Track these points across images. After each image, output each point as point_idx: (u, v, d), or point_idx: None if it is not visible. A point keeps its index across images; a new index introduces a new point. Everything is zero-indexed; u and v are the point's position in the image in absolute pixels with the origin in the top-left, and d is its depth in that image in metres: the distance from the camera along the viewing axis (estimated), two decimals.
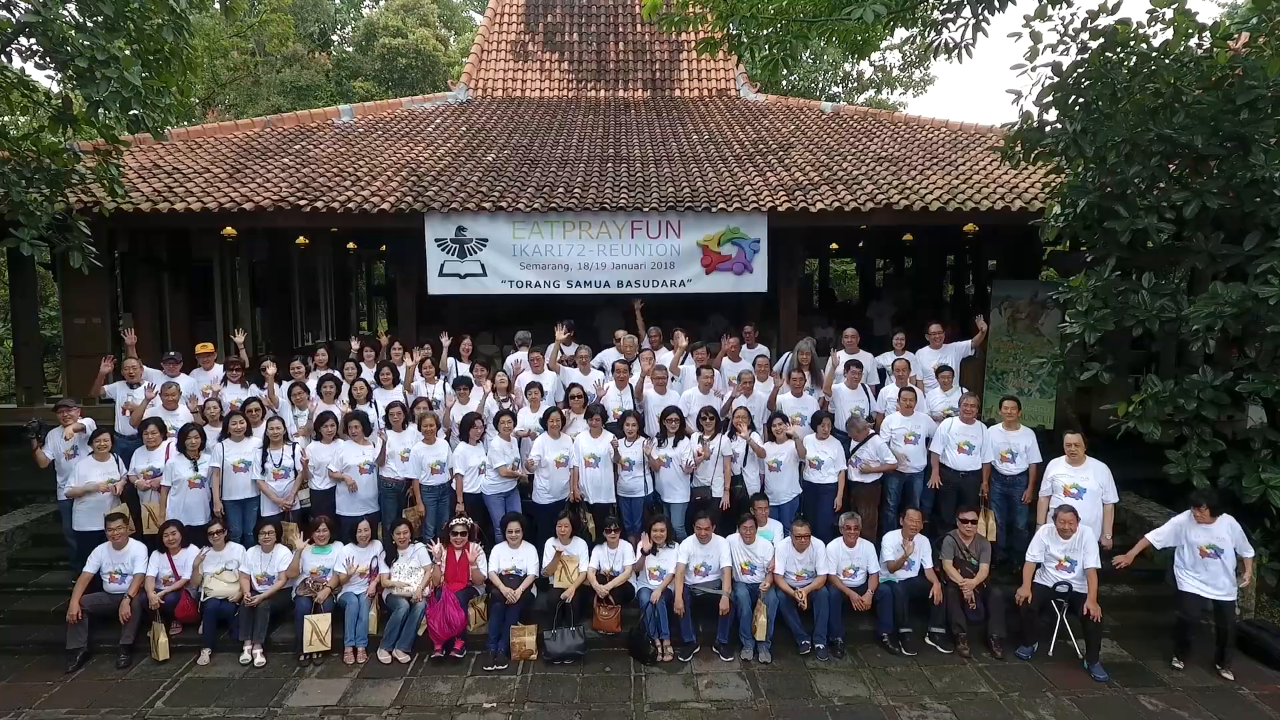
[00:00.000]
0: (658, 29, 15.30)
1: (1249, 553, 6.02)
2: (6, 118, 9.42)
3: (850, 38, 6.91)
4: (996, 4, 6.53)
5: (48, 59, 6.81)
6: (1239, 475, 6.28)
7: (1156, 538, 6.25)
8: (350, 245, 13.18)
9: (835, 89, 27.02)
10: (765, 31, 6.47)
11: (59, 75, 7.22)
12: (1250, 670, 6.05)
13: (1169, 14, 6.88)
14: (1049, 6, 6.72)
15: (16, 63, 7.16)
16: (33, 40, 6.76)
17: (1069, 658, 6.18)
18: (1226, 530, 5.99)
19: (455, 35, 29.25)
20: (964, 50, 6.86)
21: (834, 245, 14.92)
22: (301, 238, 10.57)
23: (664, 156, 10.97)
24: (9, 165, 7.22)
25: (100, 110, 6.81)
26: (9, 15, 6.40)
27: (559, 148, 11.46)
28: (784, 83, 21.55)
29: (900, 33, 7.25)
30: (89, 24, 6.73)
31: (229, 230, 9.27)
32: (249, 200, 8.80)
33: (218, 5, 8.47)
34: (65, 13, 6.68)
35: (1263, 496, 6.12)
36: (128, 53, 6.77)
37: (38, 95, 7.52)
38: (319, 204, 8.75)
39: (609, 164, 10.63)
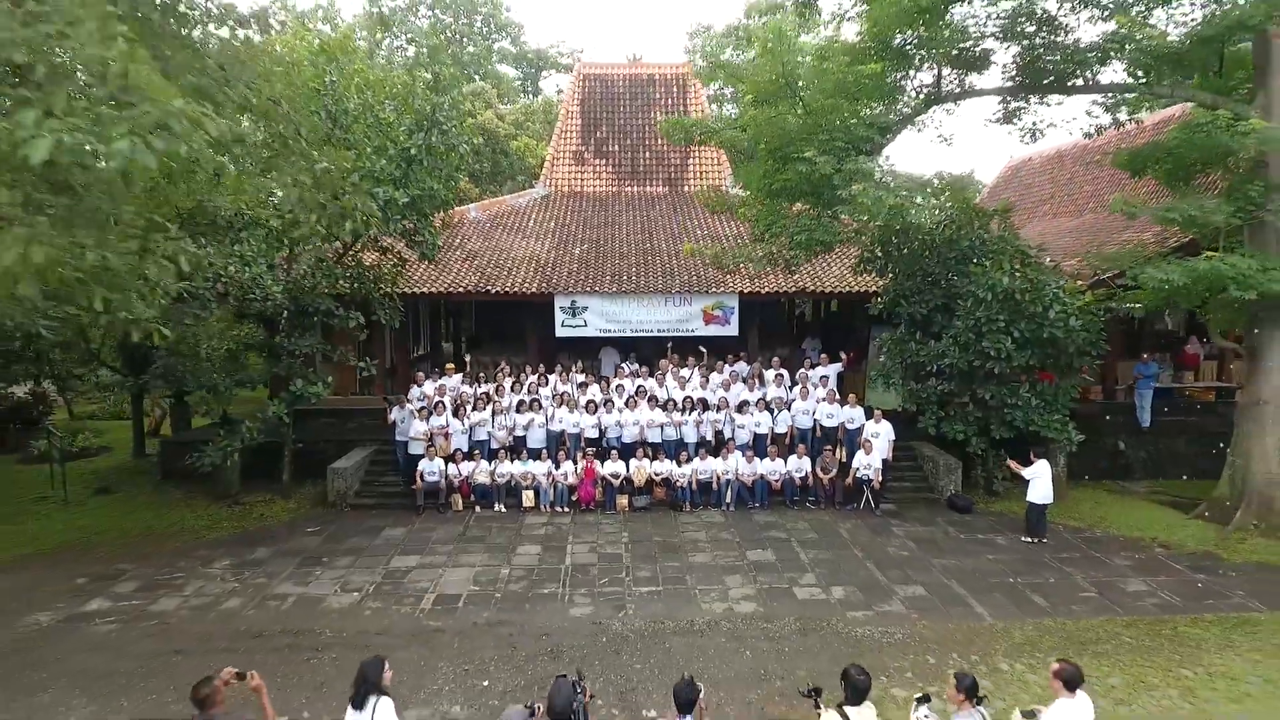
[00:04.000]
0: (674, 142, 22.78)
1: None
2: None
3: None
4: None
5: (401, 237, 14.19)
6: (948, 427, 13.73)
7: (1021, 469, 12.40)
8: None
9: None
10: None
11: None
12: (953, 516, 13.53)
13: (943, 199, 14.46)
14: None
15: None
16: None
17: (868, 510, 13.65)
18: (1043, 468, 12.26)
19: (509, 104, 36.58)
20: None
21: None
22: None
23: (680, 249, 18.40)
24: (369, 272, 14.60)
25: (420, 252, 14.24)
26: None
27: (615, 241, 18.91)
28: None
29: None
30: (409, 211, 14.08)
31: None
32: (459, 286, 16.26)
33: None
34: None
35: (953, 437, 13.59)
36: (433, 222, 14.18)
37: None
38: (499, 288, 16.20)
39: (646, 255, 18.08)
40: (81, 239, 3.60)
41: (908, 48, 11.85)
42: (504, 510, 13.69)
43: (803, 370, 15.50)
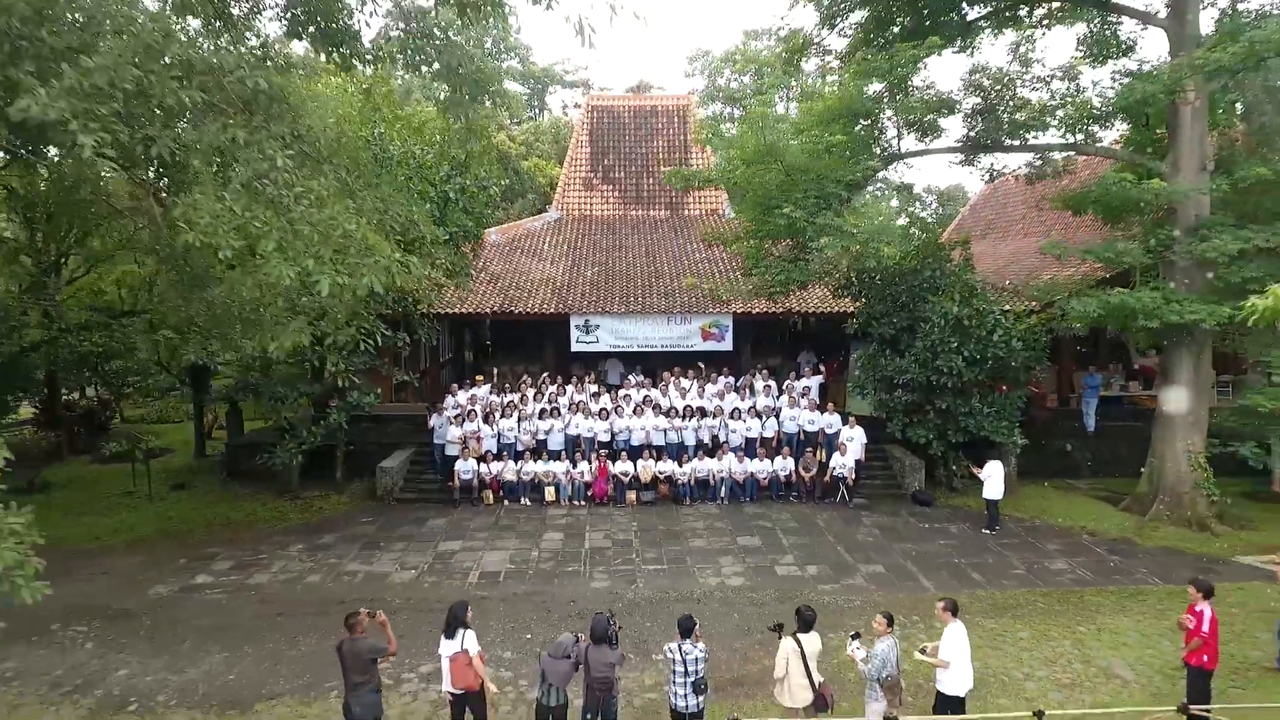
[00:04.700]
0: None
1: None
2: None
3: None
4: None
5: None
6: (912, 432, 15.87)
7: (977, 471, 14.91)
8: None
9: None
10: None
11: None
12: (915, 509, 15.68)
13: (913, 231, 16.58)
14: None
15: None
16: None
17: (843, 503, 15.81)
18: (995, 468, 14.57)
19: (517, 122, 38.72)
20: None
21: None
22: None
23: (681, 271, 20.55)
24: (410, 295, 16.74)
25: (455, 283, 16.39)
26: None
27: (623, 264, 21.06)
28: None
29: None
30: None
31: None
32: (486, 306, 18.40)
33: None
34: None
35: (918, 441, 15.73)
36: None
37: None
38: (521, 309, 18.35)
39: (651, 277, 20.23)
40: (324, 328, 5.76)
41: (878, 108, 14.02)
42: (529, 503, 15.86)
43: (788, 382, 17.67)
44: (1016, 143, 14.37)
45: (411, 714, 8.41)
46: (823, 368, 17.94)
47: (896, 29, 15.46)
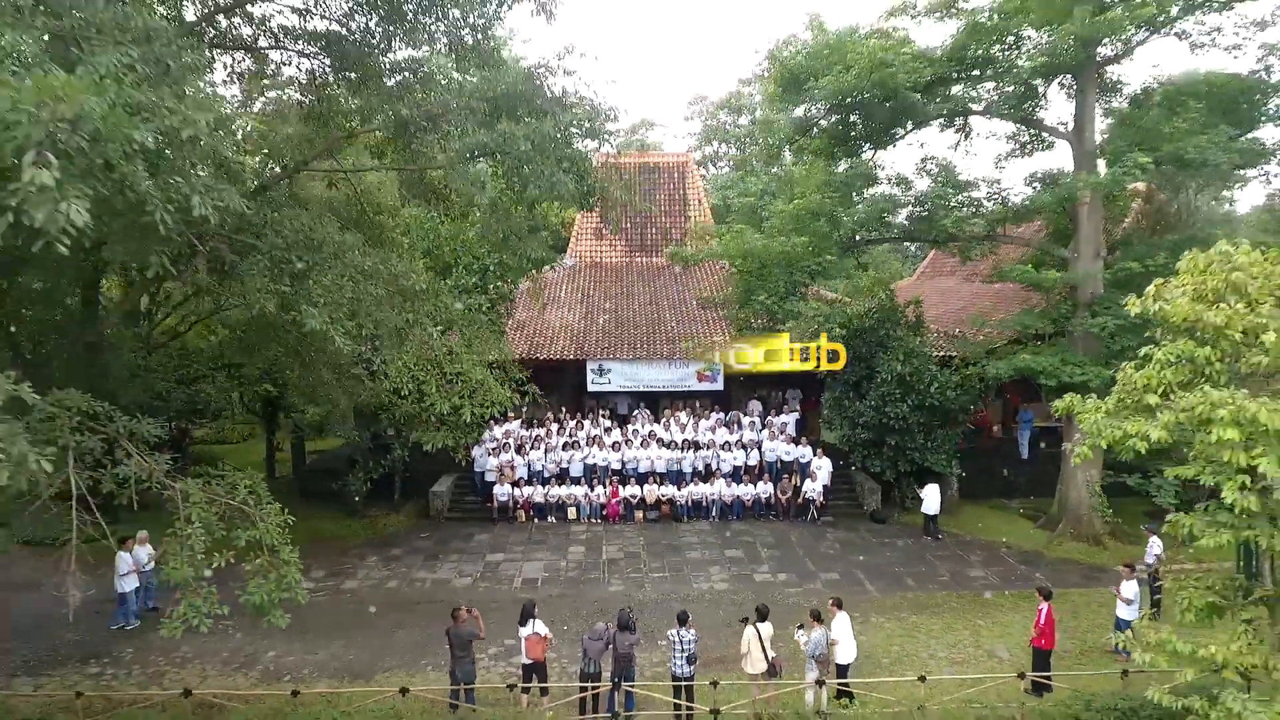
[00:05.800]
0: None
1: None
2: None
3: None
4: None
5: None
6: (870, 463, 19.29)
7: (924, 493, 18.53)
8: None
9: None
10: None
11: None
12: (872, 526, 19.11)
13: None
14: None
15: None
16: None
17: (813, 521, 19.22)
18: (932, 491, 18.31)
19: None
20: None
21: None
22: None
23: (682, 317, 23.96)
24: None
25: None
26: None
27: (630, 311, 24.47)
28: None
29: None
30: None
31: None
32: (515, 353, 21.79)
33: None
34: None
35: (874, 470, 19.16)
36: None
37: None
38: (545, 355, 21.77)
39: (655, 324, 23.65)
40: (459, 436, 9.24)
41: (837, 210, 17.55)
42: (554, 521, 19.29)
43: (769, 418, 21.11)
44: (944, 238, 17.86)
45: (488, 680, 11.81)
46: (799, 406, 21.44)
47: (858, 130, 18.88)
